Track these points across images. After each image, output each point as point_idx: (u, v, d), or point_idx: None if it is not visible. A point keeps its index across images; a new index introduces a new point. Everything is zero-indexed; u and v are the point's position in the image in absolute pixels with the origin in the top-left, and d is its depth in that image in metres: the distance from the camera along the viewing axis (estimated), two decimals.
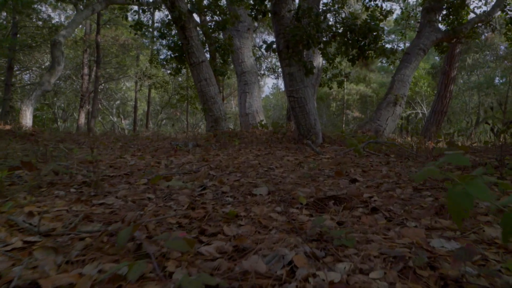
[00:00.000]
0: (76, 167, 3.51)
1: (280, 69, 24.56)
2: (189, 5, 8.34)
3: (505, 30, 10.71)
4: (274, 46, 6.81)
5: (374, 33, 6.36)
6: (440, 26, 10.53)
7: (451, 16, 10.34)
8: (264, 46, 6.69)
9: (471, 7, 11.18)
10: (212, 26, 9.31)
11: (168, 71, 9.91)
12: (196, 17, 14.64)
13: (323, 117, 32.23)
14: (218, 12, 8.77)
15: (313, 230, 1.67)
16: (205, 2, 9.70)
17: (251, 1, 6.19)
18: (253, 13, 6.27)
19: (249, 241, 1.58)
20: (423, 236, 1.68)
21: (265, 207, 2.22)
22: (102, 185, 2.77)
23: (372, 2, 8.43)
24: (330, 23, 6.83)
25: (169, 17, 8.14)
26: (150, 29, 20.19)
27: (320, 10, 6.32)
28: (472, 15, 10.95)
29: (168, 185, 2.87)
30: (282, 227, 1.81)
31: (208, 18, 13.59)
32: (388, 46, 8.70)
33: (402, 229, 1.77)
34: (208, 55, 11.64)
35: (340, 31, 6.41)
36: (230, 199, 2.46)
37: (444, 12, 10.49)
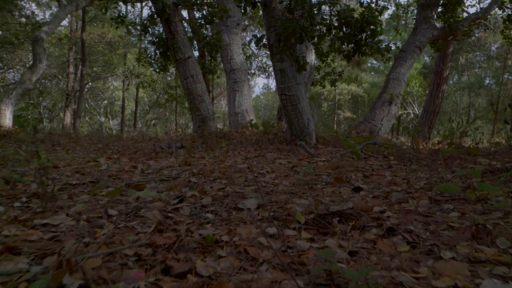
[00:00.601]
0: (35, 174, 3.02)
1: (271, 68, 24.11)
2: None
3: (502, 27, 10.39)
4: (265, 41, 6.36)
5: (372, 27, 5.93)
6: (436, 24, 10.17)
7: (446, 14, 10.00)
8: (254, 40, 6.23)
9: (466, 4, 10.84)
10: (200, 21, 8.82)
11: (156, 70, 9.34)
12: (185, 15, 14.14)
13: (314, 117, 31.84)
14: (205, 5, 8.28)
15: (318, 269, 1.21)
16: None
17: None
18: (242, 4, 5.81)
19: (230, 286, 1.12)
20: (467, 274, 1.24)
21: (253, 227, 1.76)
22: (56, 197, 2.29)
23: None
24: (325, 16, 6.40)
25: (154, 9, 7.64)
26: (138, 27, 19.63)
27: (314, 1, 5.88)
28: (464, 14, 10.62)
29: (138, 196, 2.40)
30: (275, 261, 1.35)
31: (196, 15, 13.10)
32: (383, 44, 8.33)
33: (436, 263, 1.32)
34: (196, 53, 11.15)
35: (335, 24, 5.98)
36: (211, 216, 2.00)
37: (440, 9, 10.15)
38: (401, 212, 2.05)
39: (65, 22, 26.91)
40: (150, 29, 8.24)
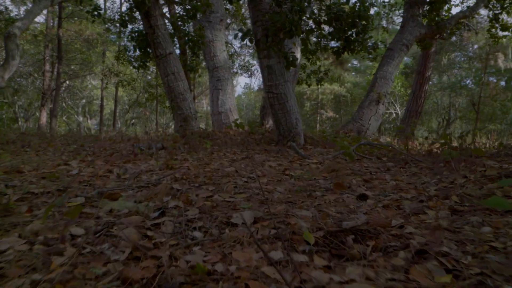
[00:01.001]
0: None
1: (254, 67, 23.78)
2: None
3: (489, 26, 10.33)
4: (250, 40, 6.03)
5: (364, 22, 5.67)
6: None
7: (433, 12, 9.85)
8: (240, 35, 5.89)
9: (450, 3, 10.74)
10: (182, 15, 8.41)
11: (136, 67, 8.88)
12: (166, 11, 13.65)
13: None
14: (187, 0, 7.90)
15: None
16: None
17: None
18: None
19: None
20: None
21: (253, 250, 1.42)
22: (11, 211, 1.90)
23: None
24: (314, 10, 6.10)
25: (133, 1, 7.20)
26: (117, 24, 19.03)
27: None
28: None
29: (112, 208, 2.04)
30: None
31: (178, 9, 12.68)
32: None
33: None
34: (177, 51, 10.69)
35: (325, 18, 5.68)
36: (199, 235, 1.65)
37: (426, 7, 9.99)
38: (423, 227, 1.74)
39: (41, 19, 25.99)
40: (128, 24, 7.80)
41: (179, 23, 8.68)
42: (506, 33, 10.31)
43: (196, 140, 6.64)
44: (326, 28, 6.22)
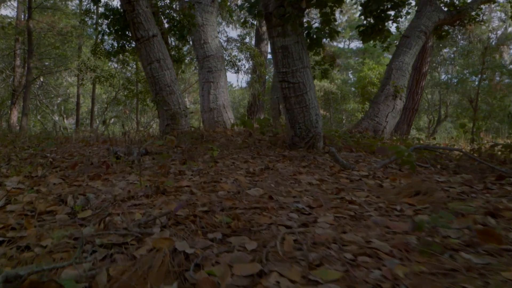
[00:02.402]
0: None
1: (240, 63, 22.30)
2: None
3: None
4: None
5: None
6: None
7: None
8: (247, 7, 4.56)
9: None
10: None
11: (113, 56, 7.43)
12: None
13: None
14: None
15: None
16: None
17: None
18: None
19: None
20: None
21: None
22: None
23: None
24: None
25: None
26: (94, 15, 17.41)
27: None
28: None
29: None
30: None
31: None
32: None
33: None
34: None
35: None
36: None
37: None
38: None
39: (13, 13, 24.04)
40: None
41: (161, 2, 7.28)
42: None
43: (189, 143, 5.28)
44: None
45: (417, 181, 2.56)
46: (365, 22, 5.06)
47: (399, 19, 5.16)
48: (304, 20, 4.60)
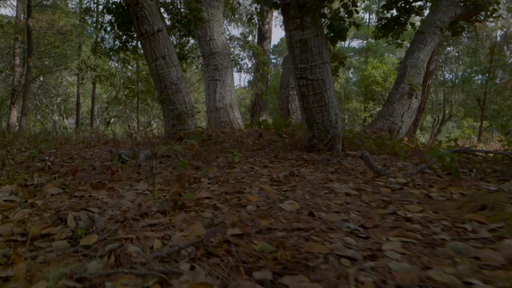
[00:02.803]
0: None
1: (243, 61, 21.85)
2: None
3: None
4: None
5: None
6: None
7: None
8: None
9: None
10: None
11: (115, 52, 7.05)
12: None
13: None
14: None
15: None
16: None
17: None
18: None
19: None
20: None
21: None
22: None
23: None
24: None
25: None
26: (94, 14, 17.06)
27: None
28: None
29: None
30: None
31: None
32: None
33: None
34: None
35: None
36: None
37: None
38: None
39: (12, 12, 23.67)
40: None
41: None
42: None
43: (197, 144, 4.91)
44: None
45: (478, 192, 2.20)
46: (388, 15, 4.70)
47: (424, 11, 4.80)
48: (324, 12, 4.23)
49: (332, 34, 4.13)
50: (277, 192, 2.30)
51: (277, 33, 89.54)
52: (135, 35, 6.29)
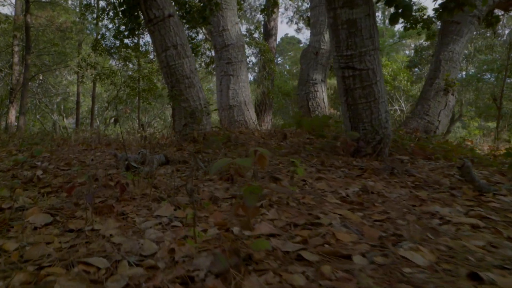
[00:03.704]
0: None
1: (249, 59, 21.08)
2: None
3: None
4: None
5: None
6: None
7: None
8: None
9: None
10: None
11: (120, 41, 6.30)
12: None
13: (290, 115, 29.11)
14: None
15: None
16: None
17: None
18: None
19: None
20: None
21: None
22: None
23: None
24: None
25: None
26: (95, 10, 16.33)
27: None
28: None
29: None
30: None
31: None
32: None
33: None
34: None
35: None
36: None
37: None
38: None
39: (11, 10, 22.95)
40: None
41: None
42: None
43: (214, 147, 4.16)
44: None
45: None
46: None
47: None
48: None
49: (393, 12, 3.35)
50: (370, 224, 1.54)
51: (280, 31, 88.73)
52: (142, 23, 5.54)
